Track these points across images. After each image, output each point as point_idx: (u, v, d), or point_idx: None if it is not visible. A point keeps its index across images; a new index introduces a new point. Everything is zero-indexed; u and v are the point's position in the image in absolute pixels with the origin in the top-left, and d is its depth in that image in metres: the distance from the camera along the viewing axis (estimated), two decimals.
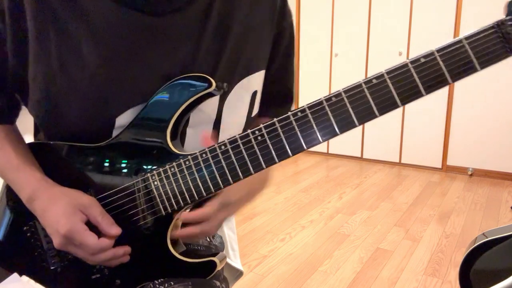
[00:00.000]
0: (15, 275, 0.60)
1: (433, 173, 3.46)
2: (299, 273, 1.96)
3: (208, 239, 0.78)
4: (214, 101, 0.64)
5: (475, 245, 1.02)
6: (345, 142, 3.94)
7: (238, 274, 0.96)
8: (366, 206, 2.76)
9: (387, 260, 2.06)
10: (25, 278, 0.61)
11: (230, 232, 0.98)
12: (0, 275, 0.62)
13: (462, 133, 3.36)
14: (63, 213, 0.56)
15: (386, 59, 3.52)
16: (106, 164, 0.61)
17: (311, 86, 4.01)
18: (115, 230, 0.58)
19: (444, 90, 3.35)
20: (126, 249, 0.59)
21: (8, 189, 0.67)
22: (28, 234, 0.64)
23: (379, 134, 3.74)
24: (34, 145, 0.66)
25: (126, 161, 0.60)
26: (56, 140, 0.64)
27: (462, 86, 3.29)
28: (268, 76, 0.70)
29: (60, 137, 0.63)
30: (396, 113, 3.60)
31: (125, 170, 0.60)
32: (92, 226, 0.57)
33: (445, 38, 3.29)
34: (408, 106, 3.54)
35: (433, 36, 3.24)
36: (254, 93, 0.68)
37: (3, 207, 0.67)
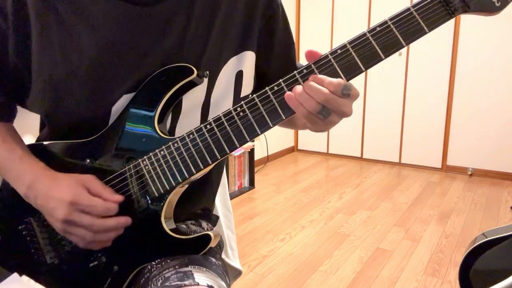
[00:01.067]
0: (15, 275, 0.60)
1: (433, 173, 3.46)
2: (299, 273, 1.96)
3: (205, 229, 0.78)
4: (203, 85, 0.67)
5: (475, 245, 1.02)
6: (345, 142, 3.94)
7: (237, 273, 0.96)
8: (366, 206, 2.76)
9: (387, 260, 2.06)
10: (25, 278, 0.62)
11: (229, 232, 0.98)
12: (0, 275, 0.62)
13: (462, 133, 3.36)
14: (67, 186, 0.60)
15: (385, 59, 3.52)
16: (99, 156, 0.64)
17: None
18: (118, 196, 0.61)
19: (444, 91, 3.35)
20: (128, 219, 0.62)
21: (2, 190, 0.68)
22: (24, 232, 0.66)
23: (379, 134, 3.74)
24: (29, 146, 0.68)
25: (117, 150, 0.64)
26: (59, 130, 0.67)
27: (463, 86, 3.29)
28: (272, 60, 0.74)
29: (62, 126, 0.66)
30: (396, 113, 3.61)
31: (117, 159, 0.63)
32: None
33: (445, 37, 3.29)
34: (408, 106, 3.54)
35: (433, 35, 3.24)
36: (239, 73, 0.71)
37: None
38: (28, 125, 0.76)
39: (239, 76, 0.71)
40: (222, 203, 0.97)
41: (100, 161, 0.64)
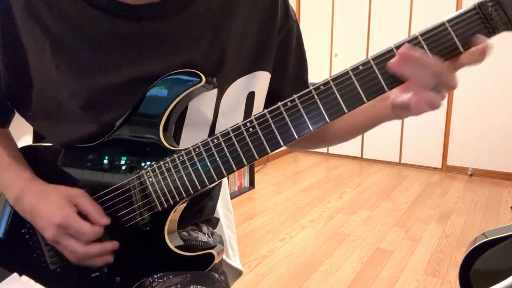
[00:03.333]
0: (15, 275, 0.60)
1: (433, 173, 3.46)
2: (299, 273, 1.96)
3: (207, 236, 0.78)
4: (211, 101, 0.64)
5: (475, 245, 1.02)
6: (345, 142, 3.94)
7: (237, 273, 0.96)
8: (366, 206, 2.76)
9: (387, 260, 2.06)
10: (25, 278, 0.61)
11: (230, 232, 0.98)
12: (0, 275, 0.62)
13: (462, 133, 3.36)
14: (56, 205, 0.58)
15: None
16: (100, 163, 0.62)
17: None
18: (105, 219, 0.59)
19: None
20: (114, 244, 0.60)
21: None
22: (27, 237, 0.65)
23: (379, 134, 3.74)
24: (27, 148, 0.67)
25: (120, 159, 0.61)
26: (61, 142, 0.64)
27: (462, 86, 3.29)
28: (285, 79, 0.71)
29: (63, 141, 0.64)
30: None
31: (119, 168, 0.61)
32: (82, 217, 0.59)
33: None
34: None
35: None
36: (251, 94, 0.67)
37: (1, 210, 0.68)
38: (27, 125, 0.74)
39: (250, 97, 0.67)
40: (222, 203, 0.97)
41: (101, 168, 0.62)
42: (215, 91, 0.63)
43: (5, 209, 0.67)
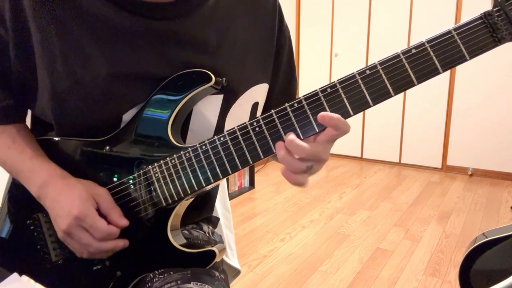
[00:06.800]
0: (15, 275, 0.60)
1: (433, 173, 3.46)
2: (299, 273, 1.96)
3: (208, 235, 0.78)
4: (216, 107, 0.65)
5: (475, 245, 1.02)
6: (345, 142, 3.94)
7: (235, 272, 0.97)
8: (366, 206, 2.76)
9: (387, 260, 2.06)
10: (25, 278, 0.62)
11: (228, 232, 0.98)
12: (0, 275, 0.62)
13: (462, 133, 3.36)
14: (78, 197, 0.58)
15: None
16: (109, 158, 0.62)
17: (311, 86, 4.00)
18: (124, 221, 0.60)
19: (444, 90, 3.35)
20: (126, 242, 0.61)
21: (12, 187, 0.68)
22: (32, 227, 0.65)
23: (379, 134, 3.74)
24: (39, 141, 0.67)
25: (128, 154, 0.62)
26: (67, 135, 0.65)
27: (463, 86, 3.29)
28: (274, 91, 0.73)
29: (70, 133, 0.64)
30: (396, 113, 3.60)
31: (127, 163, 0.62)
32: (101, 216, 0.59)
33: None
34: (408, 106, 3.54)
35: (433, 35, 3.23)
36: (255, 104, 0.69)
37: (6, 206, 0.68)
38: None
39: (255, 107, 0.69)
40: (221, 203, 0.97)
41: (108, 163, 0.62)
42: (221, 97, 0.65)
43: (10, 206, 0.68)
